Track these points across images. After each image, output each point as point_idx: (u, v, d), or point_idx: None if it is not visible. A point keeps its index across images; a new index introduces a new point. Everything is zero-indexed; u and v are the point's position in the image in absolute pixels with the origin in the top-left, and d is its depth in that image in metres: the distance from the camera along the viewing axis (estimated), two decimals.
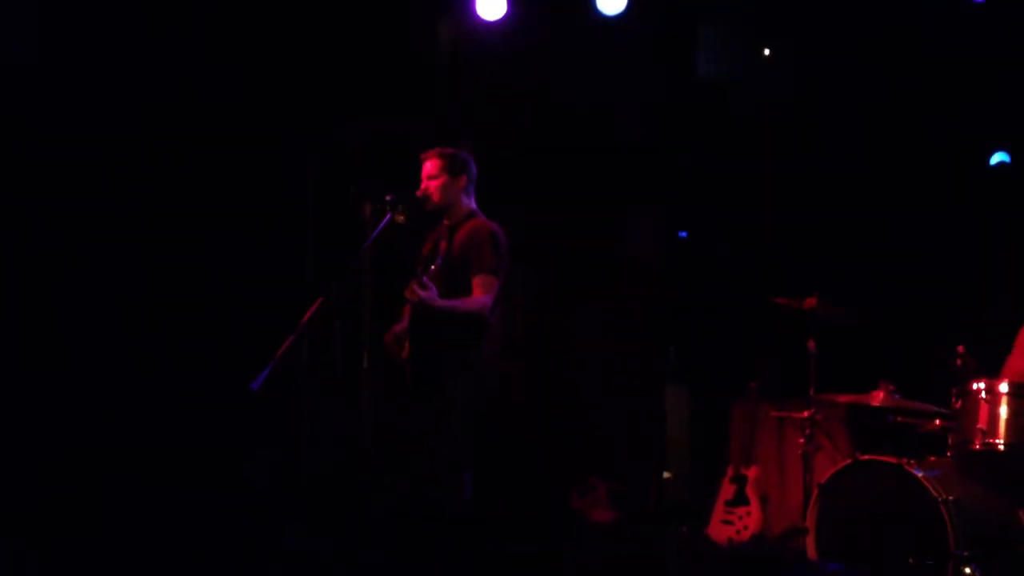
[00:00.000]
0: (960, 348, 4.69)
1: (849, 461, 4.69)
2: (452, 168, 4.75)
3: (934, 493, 4.24)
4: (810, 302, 5.19)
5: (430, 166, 4.75)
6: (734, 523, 5.45)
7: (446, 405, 4.57)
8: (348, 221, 4.79)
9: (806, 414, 5.13)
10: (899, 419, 4.95)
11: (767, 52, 7.07)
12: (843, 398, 5.19)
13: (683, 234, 7.02)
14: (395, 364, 4.75)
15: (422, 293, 4.34)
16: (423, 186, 4.72)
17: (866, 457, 4.64)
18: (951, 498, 4.22)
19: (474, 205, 4.78)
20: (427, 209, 4.76)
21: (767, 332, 6.12)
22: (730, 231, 7.09)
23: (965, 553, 4.15)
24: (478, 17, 6.10)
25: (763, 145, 7.08)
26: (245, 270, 6.09)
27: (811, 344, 5.19)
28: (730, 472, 5.59)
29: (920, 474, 4.33)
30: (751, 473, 5.55)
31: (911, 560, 4.22)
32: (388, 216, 4.50)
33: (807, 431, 5.08)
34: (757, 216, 7.12)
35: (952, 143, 6.84)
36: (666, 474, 6.48)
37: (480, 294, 4.51)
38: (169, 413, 5.57)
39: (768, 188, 7.03)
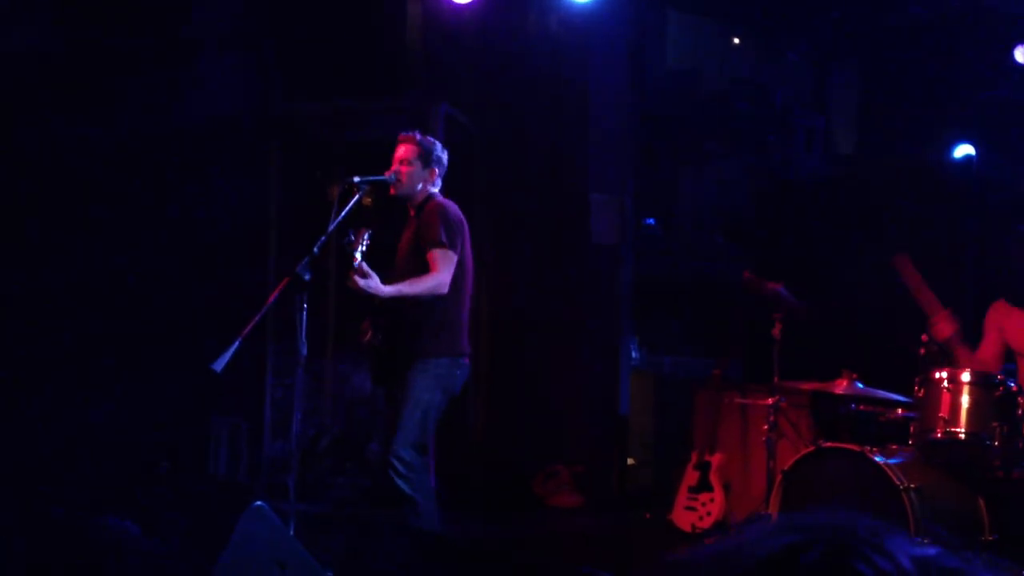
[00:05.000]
0: (924, 337, 4.72)
1: (812, 448, 4.71)
2: (426, 158, 4.70)
3: (895, 481, 4.26)
4: (773, 286, 5.20)
5: (405, 150, 4.69)
6: (697, 509, 5.46)
7: (413, 389, 4.54)
8: (315, 204, 4.76)
9: (770, 401, 5.14)
10: (861, 407, 4.98)
11: (736, 40, 7.10)
12: (806, 386, 5.21)
13: (651, 221, 7.04)
14: (362, 348, 4.72)
15: (362, 283, 4.30)
16: (394, 168, 4.68)
17: (828, 444, 4.65)
18: (912, 486, 4.25)
19: (435, 190, 4.74)
20: (391, 193, 4.73)
21: (732, 320, 6.15)
22: (698, 219, 7.12)
23: (925, 540, 4.18)
24: (451, 2, 6.06)
25: (728, 134, 7.11)
26: (210, 251, 6.03)
27: (776, 332, 5.20)
28: (694, 459, 5.60)
29: (882, 461, 4.35)
30: (715, 460, 5.56)
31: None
32: (354, 198, 4.47)
33: (771, 418, 5.09)
34: (723, 205, 7.15)
35: (921, 134, 6.92)
36: (630, 460, 6.50)
37: (434, 269, 4.48)
38: (134, 398, 5.51)
39: (743, 178, 7.06)
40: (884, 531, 1.12)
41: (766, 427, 5.10)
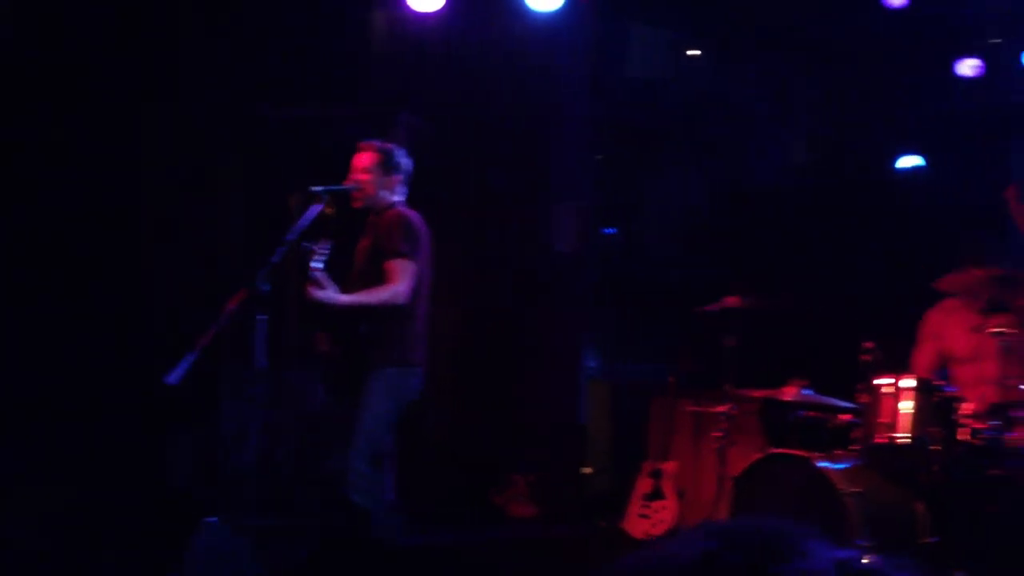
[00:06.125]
0: (868, 344, 4.83)
1: (761, 455, 4.81)
2: (387, 165, 4.71)
3: (838, 486, 4.36)
4: (730, 300, 5.31)
5: (364, 159, 4.70)
6: (651, 517, 5.54)
7: (367, 400, 4.57)
8: (276, 212, 4.79)
9: (721, 409, 5.24)
10: (809, 414, 5.09)
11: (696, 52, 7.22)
12: (756, 393, 5.31)
13: (610, 231, 7.14)
14: (317, 358, 4.76)
15: (318, 294, 4.33)
16: (353, 177, 4.68)
17: (776, 451, 4.76)
18: (854, 490, 4.35)
19: (398, 199, 4.77)
20: (353, 204, 4.75)
21: (687, 328, 6.25)
22: (658, 227, 7.22)
23: (867, 544, 4.29)
24: (413, 10, 6.11)
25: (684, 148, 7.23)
26: (171, 259, 6.04)
27: (729, 340, 5.31)
28: (648, 467, 5.69)
29: (825, 467, 4.46)
30: (668, 467, 5.65)
31: None
32: (315, 208, 4.49)
33: (722, 426, 5.19)
34: (683, 213, 7.26)
35: (874, 145, 7.06)
36: (587, 469, 6.57)
37: (392, 280, 4.51)
38: (89, 405, 5.50)
39: (691, 188, 7.17)
40: (805, 536, 1.17)
41: (718, 434, 5.20)
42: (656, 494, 5.58)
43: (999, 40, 6.69)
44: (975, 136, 7.24)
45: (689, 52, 7.16)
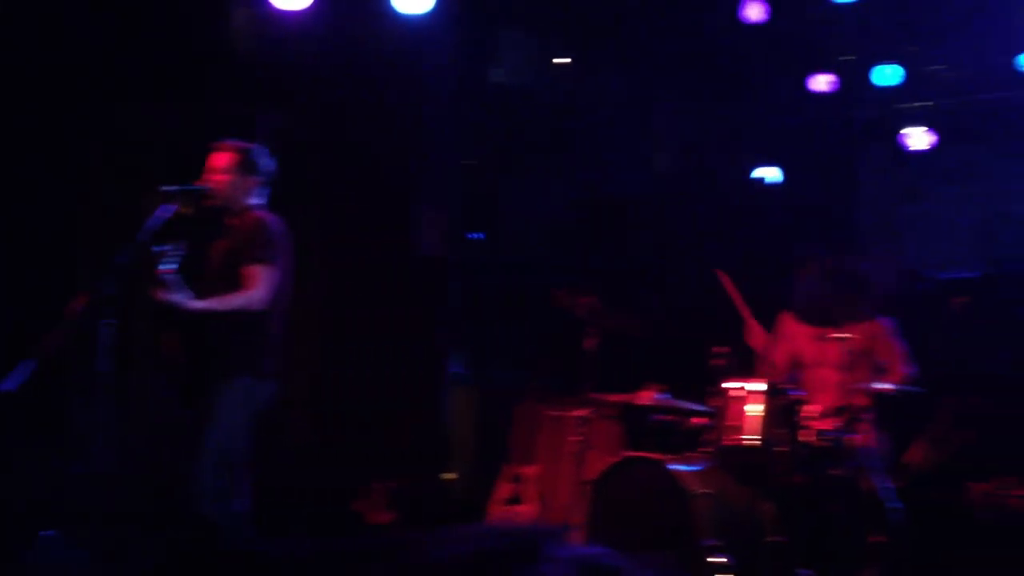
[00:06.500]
0: (720, 348, 4.95)
1: (617, 459, 4.87)
2: (246, 167, 4.59)
3: (687, 487, 4.46)
4: (587, 302, 5.34)
5: (221, 159, 4.57)
6: (511, 521, 5.55)
7: (218, 410, 4.45)
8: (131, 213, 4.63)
9: (580, 413, 5.28)
10: (664, 418, 5.19)
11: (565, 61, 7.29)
12: (614, 397, 5.38)
13: (476, 236, 7.14)
14: (166, 365, 4.61)
15: (169, 298, 4.20)
16: (207, 178, 4.55)
17: (631, 454, 4.83)
18: (702, 492, 4.45)
19: (257, 201, 4.66)
20: (206, 204, 4.61)
21: (549, 333, 6.29)
22: (524, 233, 7.27)
23: (715, 543, 4.39)
24: (278, 8, 6.00)
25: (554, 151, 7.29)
26: (15, 260, 5.79)
27: (589, 344, 5.35)
28: (508, 472, 5.70)
29: (676, 469, 4.55)
30: (529, 472, 5.67)
31: (666, 552, 4.43)
32: (167, 208, 4.35)
33: (580, 430, 5.23)
34: (548, 219, 7.32)
35: (734, 155, 7.27)
36: (451, 475, 6.55)
37: (248, 286, 4.40)
38: None
39: (557, 194, 7.24)
40: (550, 538, 1.20)
41: (577, 438, 5.24)
42: (516, 499, 5.59)
43: (852, 57, 6.97)
44: (827, 148, 7.52)
45: (556, 60, 7.23)
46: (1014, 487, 5.11)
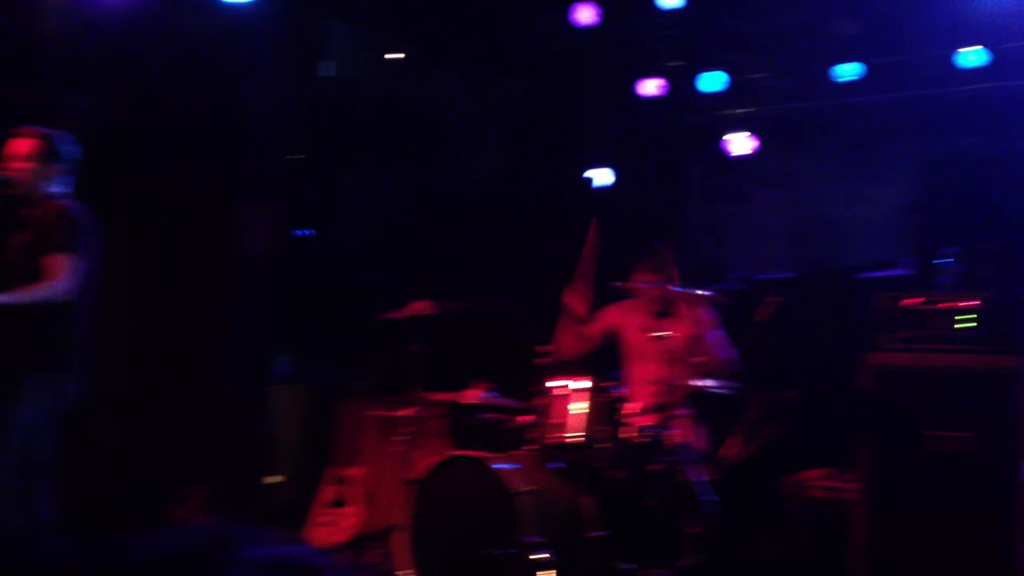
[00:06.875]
0: (544, 347, 4.98)
1: (440, 458, 4.84)
2: (49, 154, 4.40)
3: (509, 485, 4.46)
4: (418, 306, 5.31)
5: (22, 146, 4.36)
6: (334, 524, 5.45)
7: (17, 409, 4.21)
8: None
9: (406, 413, 5.23)
10: (490, 416, 5.18)
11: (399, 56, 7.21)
12: (439, 396, 5.35)
13: (305, 233, 6.97)
14: None
15: None
16: (5, 165, 4.34)
17: (455, 453, 4.80)
18: (525, 489, 4.46)
19: (60, 190, 4.43)
20: (5, 193, 4.38)
21: (376, 331, 6.20)
22: (355, 231, 7.15)
23: (537, 540, 4.41)
24: None
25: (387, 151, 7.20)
26: None
27: (415, 342, 5.31)
28: (332, 473, 5.59)
29: (498, 468, 4.54)
30: (354, 473, 5.58)
31: (489, 551, 4.42)
32: None
33: (406, 430, 5.19)
34: (380, 217, 7.23)
35: (566, 157, 7.34)
36: (275, 477, 6.38)
37: (52, 276, 4.18)
38: None
39: (389, 192, 7.15)
40: (241, 539, 1.16)
41: (402, 438, 5.19)
42: (341, 501, 5.48)
43: (679, 62, 7.14)
44: (657, 151, 7.70)
45: (389, 55, 7.14)
46: (821, 478, 5.33)
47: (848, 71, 6.58)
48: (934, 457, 4.78)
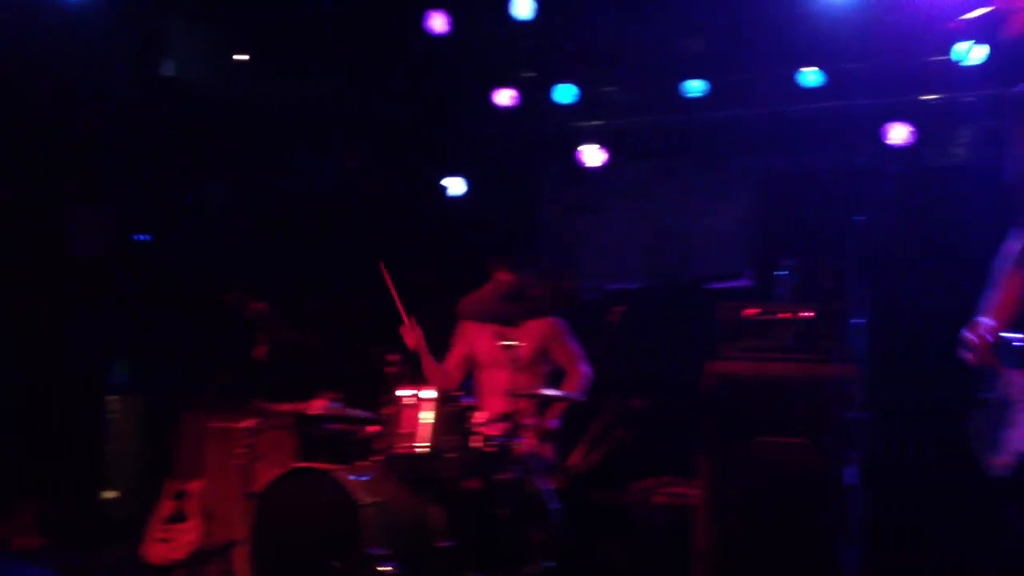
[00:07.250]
0: (393, 356, 4.90)
1: (283, 470, 4.69)
2: None
3: (354, 497, 4.36)
4: (258, 307, 5.13)
5: None
6: (172, 540, 5.22)
7: None
8: None
9: (249, 424, 5.05)
10: (337, 427, 5.06)
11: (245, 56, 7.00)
12: (284, 407, 5.20)
13: (143, 237, 6.69)
14: None
15: None
16: None
17: (299, 465, 4.67)
18: (370, 501, 4.36)
19: None
20: None
21: (219, 341, 5.99)
22: (194, 237, 6.90)
23: (383, 552, 4.32)
24: None
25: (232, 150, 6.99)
26: None
27: (259, 351, 5.14)
28: (171, 487, 5.36)
29: (344, 479, 4.43)
30: (194, 487, 5.36)
31: (333, 564, 4.30)
32: None
33: (247, 441, 5.01)
34: (226, 220, 7.01)
35: (409, 165, 7.28)
36: (111, 493, 6.09)
37: None
38: None
39: (233, 195, 6.94)
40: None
41: (242, 451, 5.01)
42: (180, 516, 5.26)
43: (532, 73, 7.17)
44: (511, 161, 7.71)
45: (236, 56, 6.93)
46: (665, 485, 5.42)
47: (694, 87, 6.74)
48: (769, 463, 4.92)
